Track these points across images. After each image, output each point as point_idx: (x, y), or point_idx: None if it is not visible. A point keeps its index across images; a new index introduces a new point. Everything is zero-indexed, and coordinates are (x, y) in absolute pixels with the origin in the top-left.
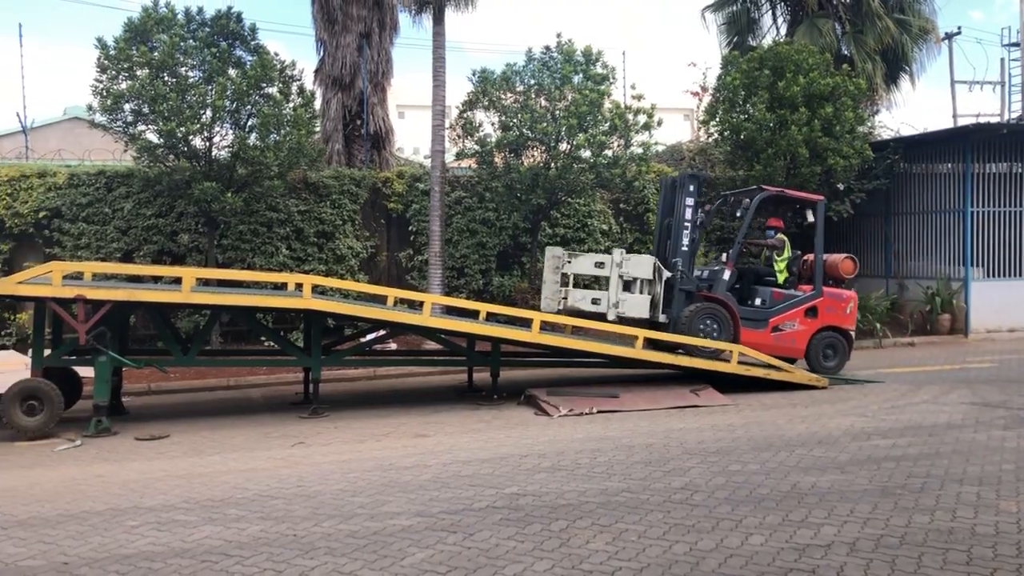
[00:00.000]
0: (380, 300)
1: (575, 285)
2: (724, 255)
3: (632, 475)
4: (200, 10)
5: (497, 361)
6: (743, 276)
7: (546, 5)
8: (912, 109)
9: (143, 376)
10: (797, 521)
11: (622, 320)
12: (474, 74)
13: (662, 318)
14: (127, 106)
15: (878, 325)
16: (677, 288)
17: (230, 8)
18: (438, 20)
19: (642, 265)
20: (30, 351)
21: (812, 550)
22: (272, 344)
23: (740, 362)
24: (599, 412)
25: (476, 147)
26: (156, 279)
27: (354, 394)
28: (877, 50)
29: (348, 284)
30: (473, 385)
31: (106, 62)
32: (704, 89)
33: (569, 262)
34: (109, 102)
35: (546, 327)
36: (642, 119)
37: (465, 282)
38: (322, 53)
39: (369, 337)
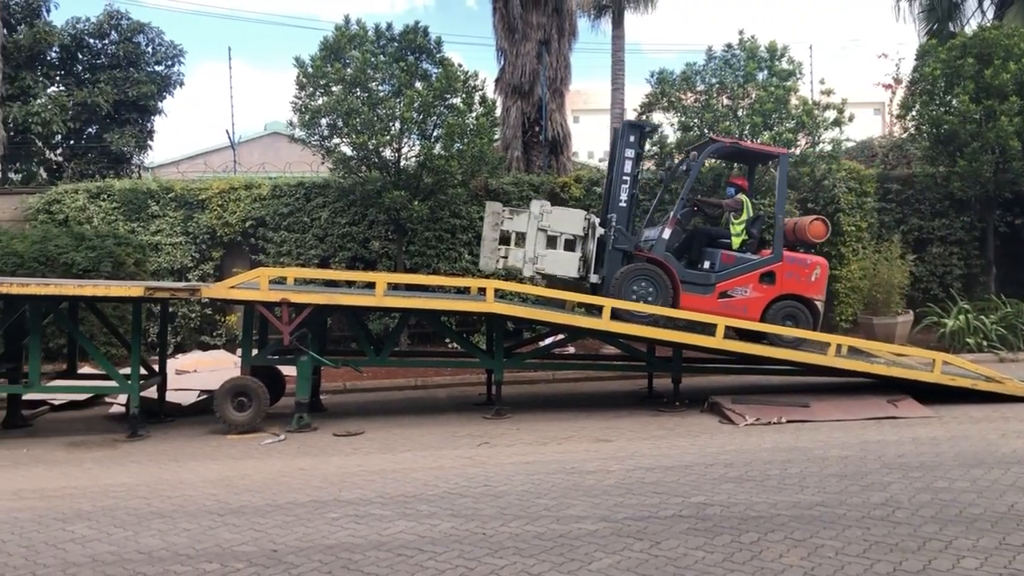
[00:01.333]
0: (559, 304)
1: (517, 244)
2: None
3: (826, 488)
4: (389, 26)
5: (679, 367)
6: (695, 237)
7: (726, 3)
8: None
9: (338, 375)
10: (1017, 545)
11: (544, 277)
12: (652, 76)
13: (594, 278)
14: (323, 121)
15: None
16: (611, 247)
17: (417, 23)
18: (617, 23)
19: (568, 220)
20: (238, 351)
21: None
22: (455, 346)
23: (944, 372)
24: (788, 421)
25: (656, 149)
26: (350, 283)
27: (534, 396)
28: None
29: (527, 288)
30: (654, 391)
31: (304, 80)
32: (898, 81)
33: (510, 218)
34: (307, 117)
35: (730, 333)
36: (831, 115)
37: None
38: (502, 62)
39: (548, 341)
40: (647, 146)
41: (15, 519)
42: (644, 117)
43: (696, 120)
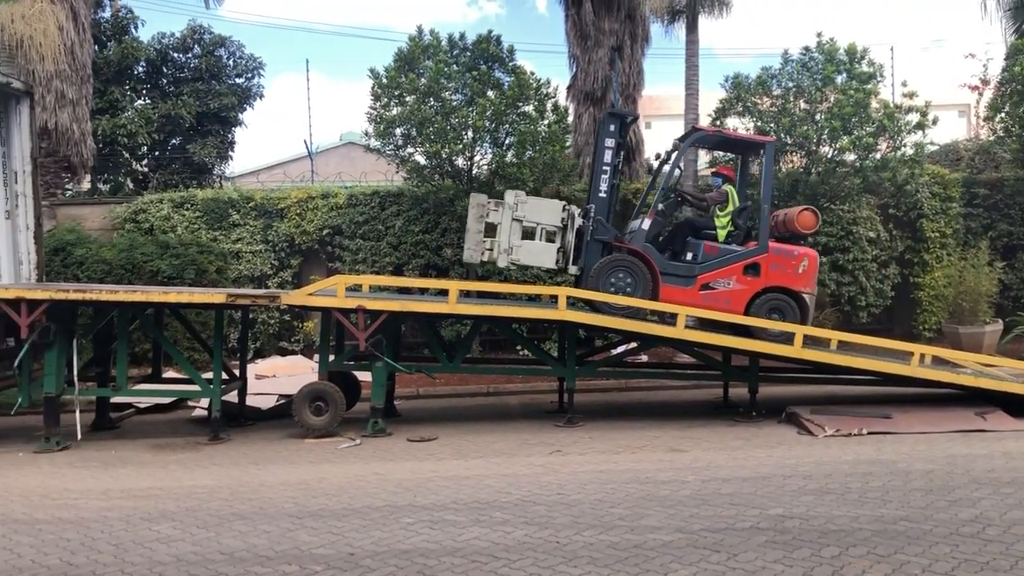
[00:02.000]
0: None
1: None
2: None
3: (911, 503)
4: (462, 36)
5: (755, 376)
6: (680, 228)
7: (802, 5)
8: None
9: (411, 381)
10: None
11: (520, 268)
12: (727, 80)
13: (573, 270)
14: (398, 130)
15: None
16: (591, 238)
17: (490, 32)
18: (691, 28)
19: (545, 210)
20: (316, 356)
21: None
22: (527, 353)
23: None
24: (869, 433)
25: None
26: (423, 291)
27: (606, 405)
28: None
29: (597, 295)
30: (729, 401)
31: (378, 90)
32: (985, 82)
33: (495, 210)
34: (382, 127)
35: (809, 341)
36: (914, 118)
37: None
38: (574, 69)
39: (620, 349)
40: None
41: (104, 518)
42: (719, 123)
43: (772, 125)
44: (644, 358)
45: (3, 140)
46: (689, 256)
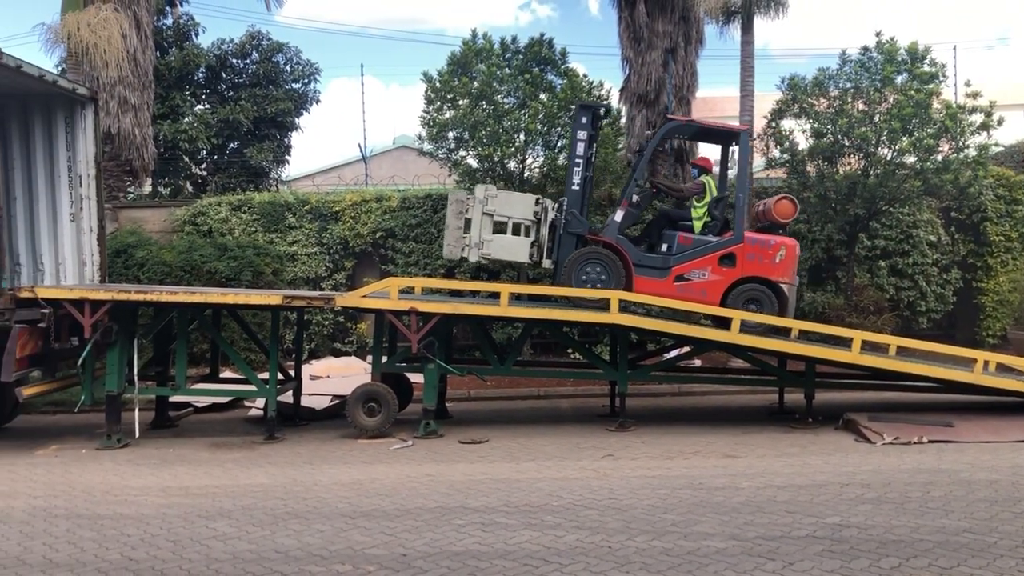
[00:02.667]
0: (685, 315)
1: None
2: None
3: (974, 514)
4: (514, 39)
5: (812, 382)
6: (656, 220)
7: (861, 5)
8: None
9: (463, 383)
10: None
11: (492, 263)
12: (783, 81)
13: (547, 263)
14: (450, 134)
15: None
16: (564, 231)
17: (542, 35)
18: (746, 29)
19: (517, 204)
20: (368, 357)
21: None
22: (578, 356)
23: None
24: (930, 441)
25: (786, 156)
26: (474, 293)
27: (659, 409)
28: None
29: (651, 299)
30: (785, 406)
31: (431, 94)
32: None
33: (473, 206)
34: (435, 131)
35: (867, 347)
36: (978, 119)
37: None
38: (627, 71)
39: (673, 353)
40: (781, 153)
41: (164, 515)
42: (774, 124)
43: (829, 126)
44: (697, 363)
45: (69, 145)
46: (664, 247)
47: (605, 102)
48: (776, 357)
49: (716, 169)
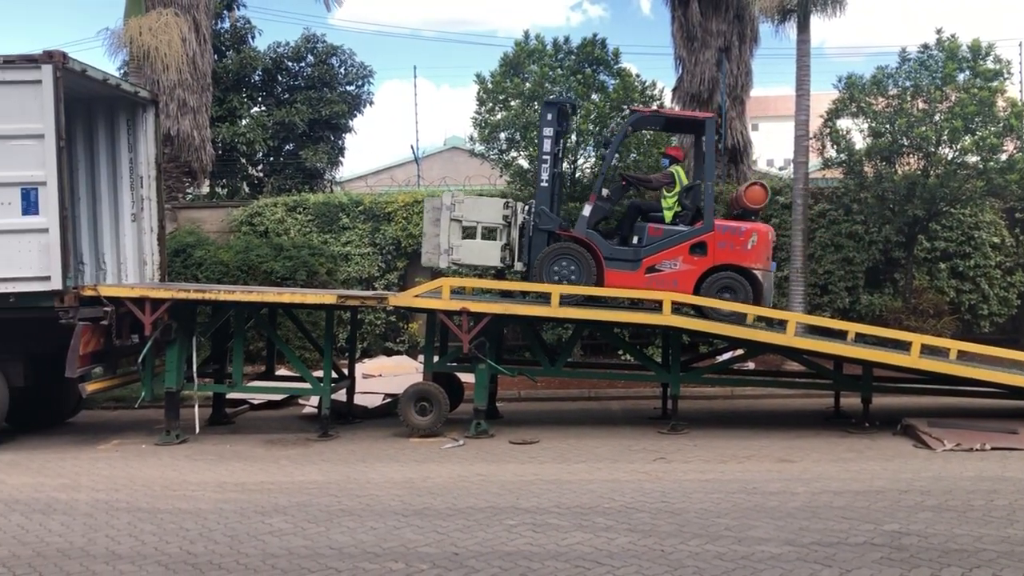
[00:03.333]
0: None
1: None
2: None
3: None
4: (567, 39)
5: (869, 386)
6: (627, 212)
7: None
8: None
9: (513, 383)
10: None
11: (463, 268)
12: (840, 80)
13: (518, 266)
14: (502, 135)
15: None
16: (535, 229)
17: (595, 35)
18: (802, 27)
19: (485, 208)
20: (420, 357)
21: None
22: (628, 358)
23: None
24: (993, 449)
25: (843, 156)
26: (525, 294)
27: (711, 412)
28: None
29: (703, 300)
30: (841, 410)
31: (483, 95)
32: None
33: (442, 212)
34: (487, 132)
35: (926, 350)
36: None
37: (829, 300)
38: (680, 71)
39: (726, 356)
40: (838, 153)
41: (220, 510)
42: (830, 123)
43: (887, 126)
44: (751, 365)
45: (131, 146)
46: (636, 239)
47: (571, 97)
48: (832, 360)
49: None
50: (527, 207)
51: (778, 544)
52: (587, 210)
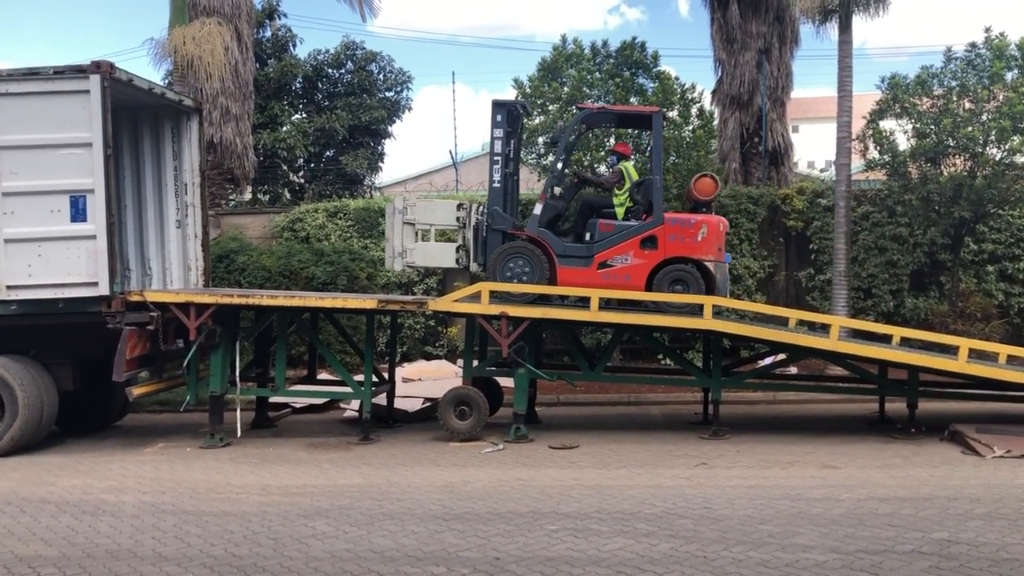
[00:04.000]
0: (779, 322)
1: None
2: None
3: None
4: (605, 43)
5: (915, 391)
6: (580, 210)
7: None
8: None
9: (552, 388)
10: None
11: (418, 270)
12: (883, 81)
13: (474, 267)
14: (540, 139)
15: None
16: (488, 230)
17: (634, 39)
18: (844, 28)
19: (438, 211)
20: (459, 361)
21: None
22: (669, 362)
23: None
24: None
25: (886, 158)
26: (563, 298)
27: (753, 418)
28: None
29: (746, 305)
30: (886, 416)
31: (522, 100)
32: None
33: (394, 217)
34: (525, 136)
35: (974, 355)
36: None
37: (872, 304)
38: (720, 73)
39: (767, 361)
40: (881, 155)
41: (264, 513)
42: (873, 125)
43: (932, 126)
44: (793, 370)
45: (175, 154)
46: (588, 236)
47: (520, 100)
48: (877, 365)
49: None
50: (480, 208)
51: (823, 551)
52: (538, 208)
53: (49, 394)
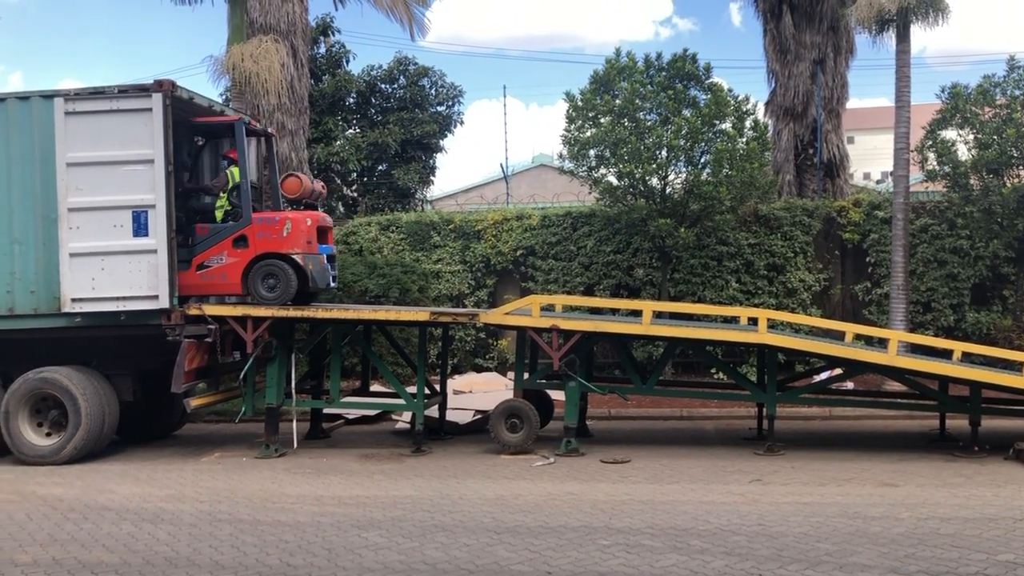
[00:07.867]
0: (835, 336)
1: None
2: None
3: None
4: (658, 55)
5: (978, 408)
6: (188, 217)
7: None
8: None
9: (603, 401)
10: None
11: None
12: (943, 91)
13: None
14: (591, 152)
15: None
16: None
17: (686, 50)
18: (902, 38)
19: None
20: (509, 374)
21: None
22: (722, 376)
23: None
24: None
25: (946, 169)
26: (614, 311)
27: (809, 433)
28: None
29: (801, 318)
30: (947, 433)
31: (573, 113)
32: None
33: None
34: (576, 149)
35: None
36: None
37: (932, 318)
38: (773, 84)
39: (823, 376)
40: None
41: (318, 523)
42: (933, 135)
43: (995, 137)
44: (850, 385)
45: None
46: (189, 240)
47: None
48: (937, 380)
49: None
50: None
51: (882, 571)
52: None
53: (110, 404)
